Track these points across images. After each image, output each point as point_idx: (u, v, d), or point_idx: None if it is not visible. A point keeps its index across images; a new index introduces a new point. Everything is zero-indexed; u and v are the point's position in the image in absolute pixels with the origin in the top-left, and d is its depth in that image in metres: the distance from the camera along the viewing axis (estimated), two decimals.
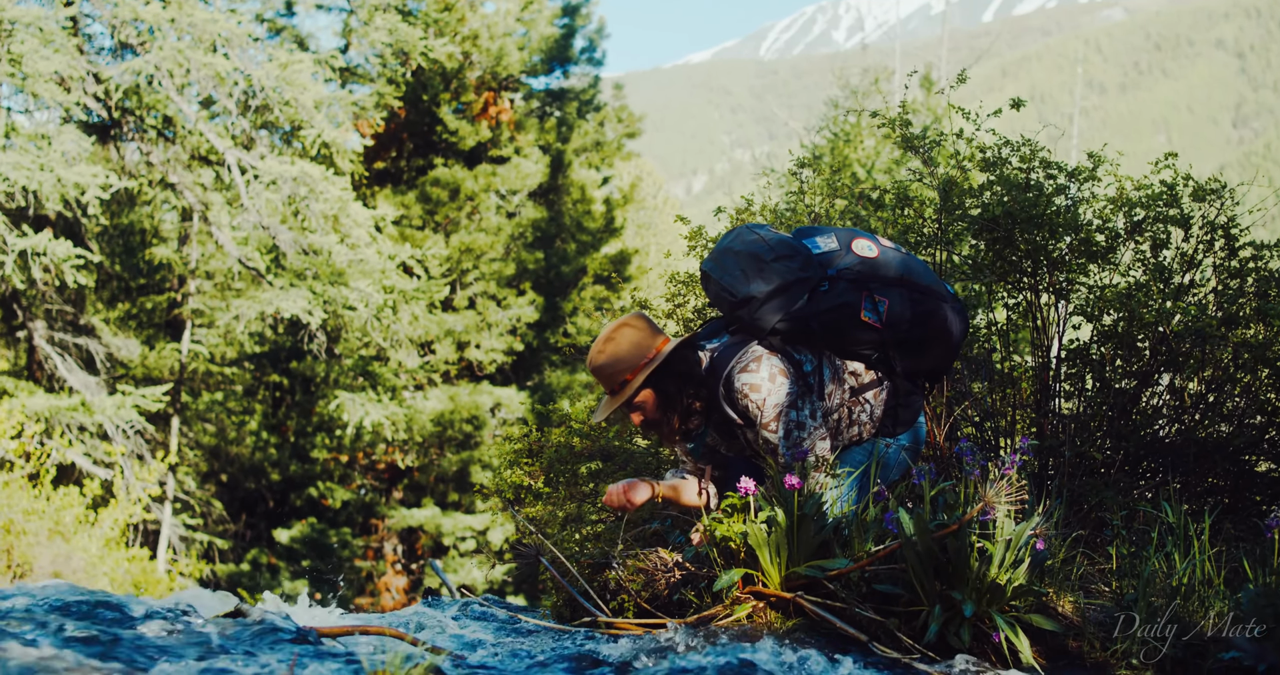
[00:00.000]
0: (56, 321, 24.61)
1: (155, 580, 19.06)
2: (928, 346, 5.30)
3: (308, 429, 30.84)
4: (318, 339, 25.29)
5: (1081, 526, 5.95)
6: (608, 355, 5.22)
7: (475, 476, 28.53)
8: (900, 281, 5.21)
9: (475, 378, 30.69)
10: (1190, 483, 6.61)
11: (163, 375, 28.47)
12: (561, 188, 32.18)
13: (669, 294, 8.21)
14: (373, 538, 30.78)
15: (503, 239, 30.34)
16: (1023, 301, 7.15)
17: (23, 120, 22.38)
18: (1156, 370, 6.77)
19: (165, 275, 28.89)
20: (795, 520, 4.39)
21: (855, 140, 31.17)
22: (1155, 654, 4.04)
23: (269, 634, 3.81)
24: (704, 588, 4.80)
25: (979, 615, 4.08)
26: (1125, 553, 4.84)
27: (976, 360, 7.19)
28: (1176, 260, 6.91)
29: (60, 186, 18.96)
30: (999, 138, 7.25)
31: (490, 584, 27.63)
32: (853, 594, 4.33)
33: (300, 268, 23.23)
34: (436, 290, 25.77)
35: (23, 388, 23.44)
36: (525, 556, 5.82)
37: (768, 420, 5.00)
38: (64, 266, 19.52)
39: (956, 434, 6.78)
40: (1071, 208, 6.92)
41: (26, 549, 14.71)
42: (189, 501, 27.95)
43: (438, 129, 30.53)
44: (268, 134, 24.19)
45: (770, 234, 5.29)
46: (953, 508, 4.33)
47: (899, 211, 7.49)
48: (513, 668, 3.99)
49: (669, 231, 48.76)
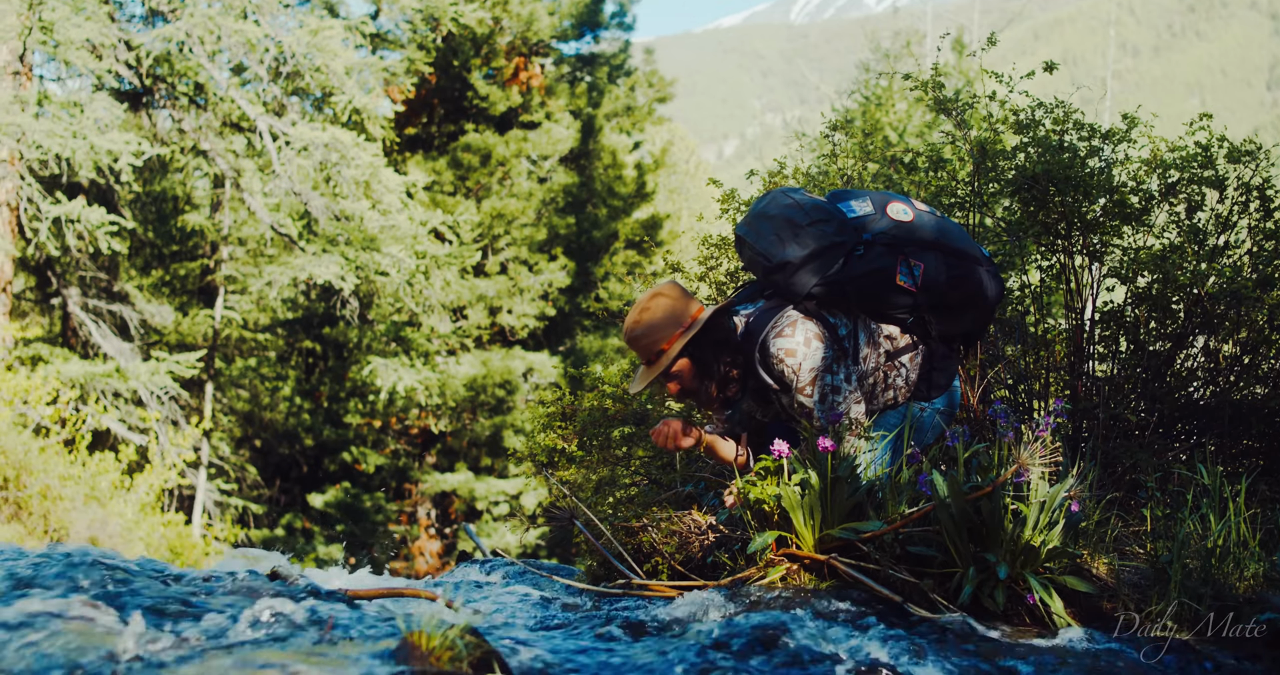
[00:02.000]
0: (90, 288, 24.72)
1: (190, 545, 19.17)
2: (963, 310, 5.26)
3: (341, 394, 30.94)
4: (350, 305, 25.36)
5: (1116, 488, 5.93)
6: (643, 325, 5.18)
7: (508, 441, 28.60)
8: (935, 245, 5.18)
9: (507, 342, 30.72)
10: (1225, 445, 6.58)
11: (196, 342, 28.58)
12: (592, 153, 32.14)
13: (702, 257, 8.19)
14: (406, 502, 30.90)
15: (534, 204, 30.32)
16: (1056, 264, 7.12)
17: (55, 88, 22.47)
18: (1191, 332, 6.73)
19: (198, 242, 28.99)
20: (829, 483, 4.39)
21: (887, 104, 31.07)
22: (1190, 616, 4.04)
23: (306, 596, 3.83)
24: (738, 550, 4.80)
25: (1013, 577, 4.08)
26: (1160, 514, 4.82)
27: (1010, 323, 7.17)
28: (1211, 222, 6.86)
29: (93, 154, 19.03)
30: (1032, 100, 7.21)
31: (524, 548, 27.73)
32: (886, 556, 4.33)
33: (332, 234, 23.27)
34: (468, 256, 25.81)
35: (58, 354, 23.57)
36: (559, 520, 5.82)
37: (803, 384, 4.98)
38: (97, 233, 19.61)
39: (990, 397, 6.76)
40: (1105, 169, 6.88)
41: (63, 514, 14.81)
42: (223, 467, 28.11)
43: (468, 94, 30.50)
44: (299, 100, 24.22)
45: (805, 198, 5.26)
46: (987, 470, 4.33)
47: (932, 174, 7.46)
48: (548, 630, 4.01)
49: (700, 196, 48.69)
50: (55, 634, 2.92)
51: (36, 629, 2.97)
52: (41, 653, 2.67)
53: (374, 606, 3.95)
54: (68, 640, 2.76)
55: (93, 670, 2.62)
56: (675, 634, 3.78)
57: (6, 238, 19.67)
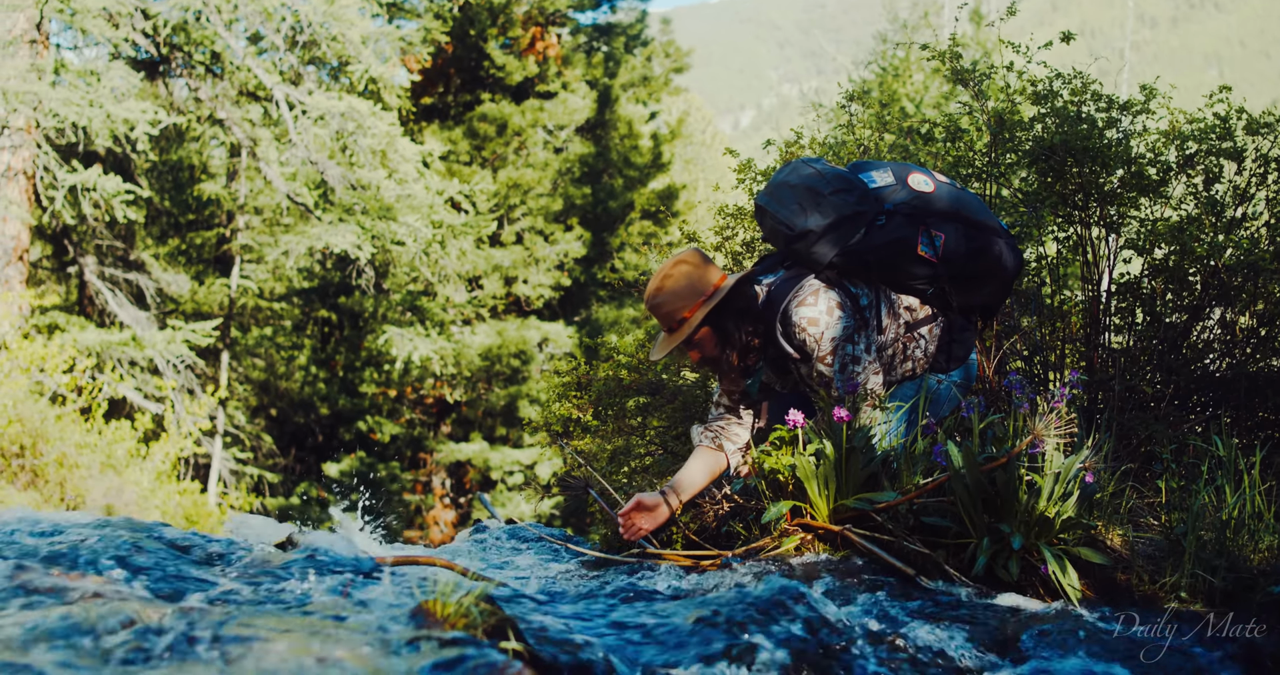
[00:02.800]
0: (107, 257, 24.76)
1: (206, 513, 19.23)
2: (982, 281, 5.25)
3: (356, 363, 31.00)
4: (366, 274, 25.39)
5: (1131, 460, 5.93)
6: (665, 292, 5.16)
7: (523, 411, 28.65)
8: (956, 216, 5.17)
9: (523, 312, 30.75)
10: (1241, 417, 6.58)
11: (212, 310, 28.64)
12: (609, 123, 32.09)
13: (718, 227, 8.19)
14: (421, 471, 30.97)
15: (550, 174, 30.30)
16: (1073, 235, 7.11)
17: (72, 57, 22.55)
18: (1208, 304, 6.72)
19: (214, 211, 29.02)
20: (844, 453, 4.39)
21: (904, 75, 30.97)
22: (1204, 587, 4.04)
23: (321, 563, 3.85)
24: (752, 520, 4.81)
25: (1027, 548, 4.08)
26: (1175, 486, 4.82)
27: (1026, 294, 7.16)
28: (1229, 194, 6.84)
29: (109, 122, 19.03)
30: (1051, 70, 7.18)
31: (538, 517, 27.76)
32: (900, 526, 4.33)
33: (348, 203, 23.28)
34: (484, 225, 25.81)
35: (74, 323, 23.63)
36: (574, 489, 5.83)
37: (824, 353, 4.97)
38: (114, 202, 19.63)
39: (1006, 368, 6.76)
40: (1123, 141, 6.86)
41: (79, 482, 14.86)
42: (239, 435, 28.18)
43: (485, 64, 30.46)
44: (315, 69, 24.21)
45: (826, 167, 5.24)
46: (1001, 441, 4.33)
47: (949, 145, 7.44)
48: (563, 597, 4.03)
49: (716, 166, 48.62)
50: (70, 601, 2.93)
51: (50, 596, 2.98)
52: (56, 618, 2.69)
53: (389, 574, 3.97)
54: (82, 608, 2.77)
55: (109, 636, 2.63)
56: (688, 602, 3.79)
57: (23, 206, 19.70)
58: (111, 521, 4.34)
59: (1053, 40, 7.32)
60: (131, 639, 2.58)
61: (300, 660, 2.47)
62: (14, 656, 2.38)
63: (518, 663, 2.57)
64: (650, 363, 7.83)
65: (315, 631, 2.74)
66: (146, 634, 2.62)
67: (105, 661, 2.42)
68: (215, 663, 2.42)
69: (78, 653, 2.48)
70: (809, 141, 8.28)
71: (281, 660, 2.47)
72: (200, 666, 2.38)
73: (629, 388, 7.96)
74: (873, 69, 33.63)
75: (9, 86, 18.30)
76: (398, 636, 2.69)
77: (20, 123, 19.36)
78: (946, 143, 7.49)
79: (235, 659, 2.46)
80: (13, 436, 14.20)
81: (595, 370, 8.15)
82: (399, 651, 2.59)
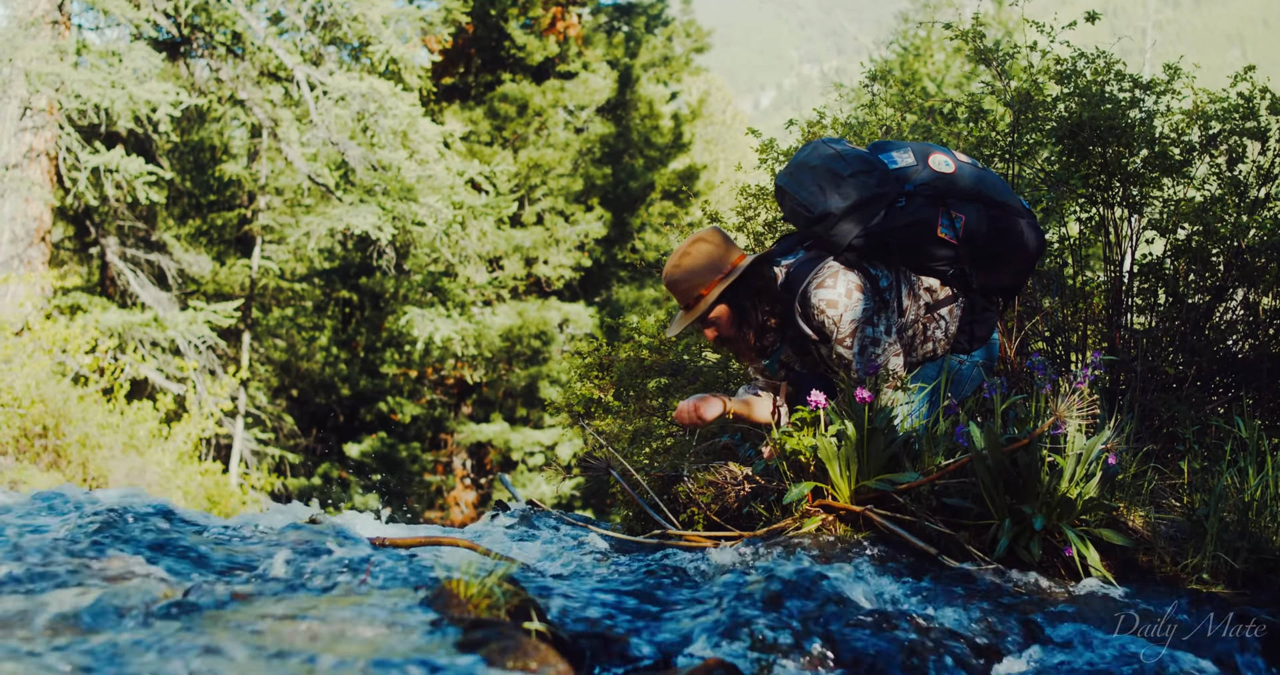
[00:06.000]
0: (129, 238, 24.80)
1: (228, 494, 19.27)
2: (1004, 262, 5.24)
3: (377, 344, 31.04)
4: (387, 255, 25.38)
5: (1153, 441, 5.92)
6: (683, 269, 5.18)
7: (543, 392, 28.67)
8: (977, 196, 5.15)
9: (543, 293, 30.76)
10: (1263, 398, 6.56)
11: (233, 291, 28.67)
12: (629, 103, 32.05)
13: (740, 207, 8.18)
14: (442, 452, 31.02)
15: (570, 154, 30.28)
16: (1095, 216, 7.09)
17: (93, 37, 22.50)
18: (1230, 285, 6.70)
19: (235, 192, 29.05)
20: (865, 434, 4.39)
21: (925, 54, 30.91)
22: (1226, 569, 4.04)
23: (343, 545, 3.86)
24: (774, 501, 4.81)
25: (1049, 529, 4.08)
26: (1197, 468, 4.81)
27: (1048, 275, 7.14)
28: (1253, 174, 6.81)
29: (131, 103, 19.05)
30: (1074, 50, 7.16)
31: (559, 498, 27.83)
32: (922, 508, 4.33)
33: (369, 184, 23.27)
34: (505, 206, 25.78)
35: (96, 303, 23.69)
36: (595, 470, 5.84)
37: (843, 335, 4.98)
38: (135, 183, 19.67)
39: (1027, 349, 6.75)
40: (1147, 120, 6.83)
41: (101, 462, 14.90)
42: (260, 416, 28.25)
43: (505, 44, 30.44)
44: (336, 50, 24.18)
45: (847, 148, 5.23)
46: (1024, 422, 4.32)
47: (972, 125, 7.42)
48: (584, 578, 4.03)
49: (737, 147, 48.54)
50: (97, 580, 2.95)
51: (79, 574, 3.00)
52: (85, 597, 2.70)
53: (411, 555, 3.98)
54: (109, 587, 2.79)
55: (135, 616, 2.65)
56: (710, 583, 3.80)
57: (45, 187, 19.74)
58: (133, 503, 4.36)
59: (1076, 20, 7.29)
60: (156, 616, 2.59)
61: (324, 640, 2.49)
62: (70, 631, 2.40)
63: (541, 643, 2.58)
64: (671, 343, 7.83)
65: (338, 611, 2.75)
66: (170, 610, 2.64)
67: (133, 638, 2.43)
68: (239, 641, 2.44)
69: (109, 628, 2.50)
70: (831, 122, 8.26)
71: (308, 640, 2.48)
72: (224, 644, 2.39)
73: (650, 368, 7.95)
74: (894, 48, 33.57)
75: (31, 67, 18.34)
76: (421, 617, 2.70)
77: (43, 104, 19.40)
78: (969, 123, 7.47)
79: (260, 637, 2.48)
80: (35, 417, 14.24)
81: (616, 351, 8.15)
82: (422, 632, 2.60)
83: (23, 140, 19.50)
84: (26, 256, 19.40)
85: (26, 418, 14.21)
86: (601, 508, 24.29)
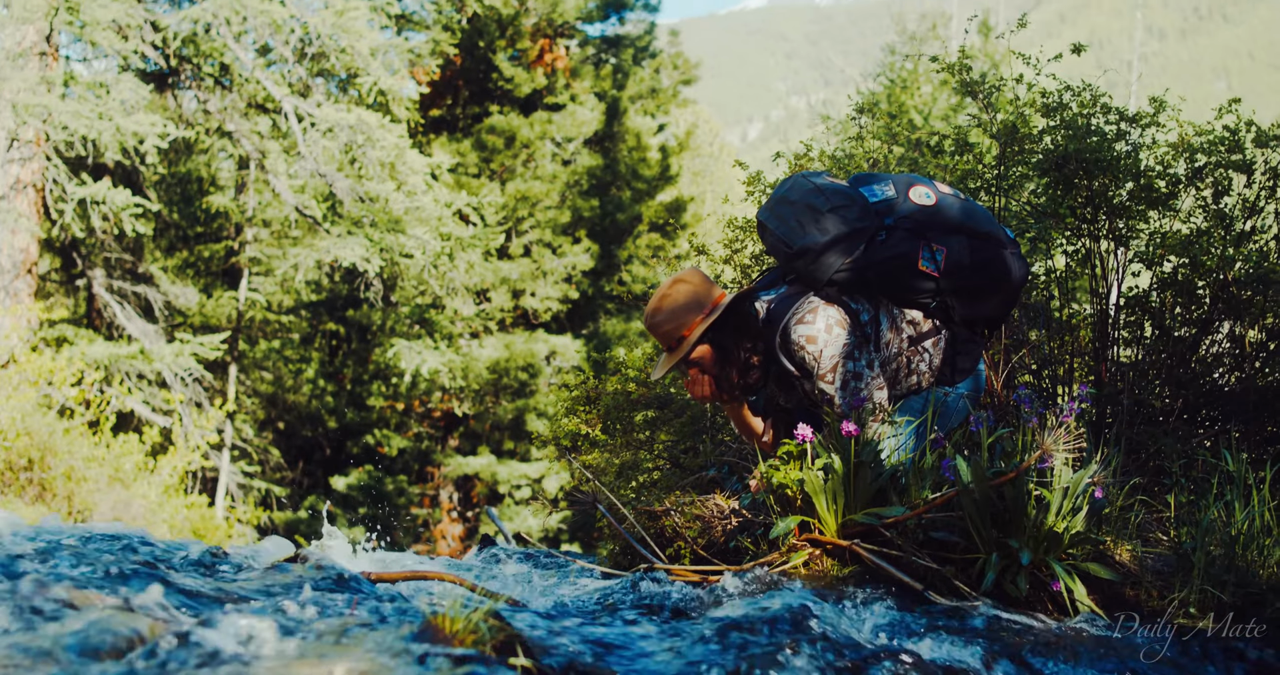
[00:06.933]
0: (115, 270, 24.81)
1: (213, 527, 19.25)
2: (987, 294, 5.23)
3: (364, 377, 31.05)
4: (374, 287, 25.41)
5: (1140, 475, 5.92)
6: (664, 311, 5.16)
7: (530, 424, 28.68)
8: (959, 228, 5.15)
9: (530, 326, 30.79)
10: (1250, 431, 6.56)
11: (220, 323, 28.67)
12: (617, 135, 32.14)
13: (726, 240, 8.19)
14: (428, 485, 31.01)
15: (558, 186, 30.35)
16: (1081, 248, 7.10)
17: (81, 69, 22.52)
18: (1217, 318, 6.71)
19: (222, 223, 29.07)
20: (852, 467, 4.39)
21: (912, 87, 31.04)
22: (1213, 603, 4.03)
23: (329, 579, 3.85)
24: (760, 535, 4.81)
25: (1036, 563, 4.08)
26: (1184, 501, 4.81)
27: (1034, 308, 7.16)
28: (1238, 206, 6.84)
29: (119, 135, 19.06)
30: (1060, 83, 7.18)
31: (546, 532, 27.82)
32: (909, 542, 4.33)
33: (357, 215, 23.31)
34: (492, 238, 25.84)
35: (82, 336, 23.68)
36: (581, 504, 5.84)
37: (824, 371, 4.97)
38: (123, 215, 19.67)
39: (1014, 381, 6.75)
40: (1133, 153, 6.86)
41: (87, 495, 14.89)
42: (246, 449, 28.22)
43: (493, 76, 30.53)
44: (324, 81, 24.25)
45: (826, 182, 5.23)
46: (1010, 455, 4.32)
47: (958, 157, 7.44)
48: (571, 613, 4.02)
49: (724, 179, 48.69)
50: (83, 613, 2.93)
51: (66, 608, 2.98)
52: (69, 632, 2.69)
53: (397, 589, 3.97)
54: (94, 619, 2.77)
55: (120, 648, 2.63)
56: (697, 618, 3.79)
57: (32, 219, 19.75)
58: (118, 534, 4.34)
59: (1062, 53, 7.32)
60: (138, 654, 2.58)
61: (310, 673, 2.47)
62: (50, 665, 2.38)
63: None
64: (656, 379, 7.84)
65: (323, 647, 2.74)
66: (155, 649, 2.62)
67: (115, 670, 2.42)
68: None
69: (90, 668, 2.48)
70: (819, 154, 8.27)
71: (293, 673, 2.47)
72: None
73: (637, 401, 7.95)
74: (881, 81, 33.70)
75: (19, 99, 18.35)
76: (406, 653, 2.69)
77: (30, 135, 19.42)
78: (956, 155, 7.49)
79: (246, 670, 2.46)
80: (21, 450, 14.22)
81: (603, 384, 8.15)
82: (408, 667, 2.59)
83: (9, 172, 19.52)
84: (13, 288, 19.39)
85: (12, 450, 14.19)
86: (588, 541, 24.28)
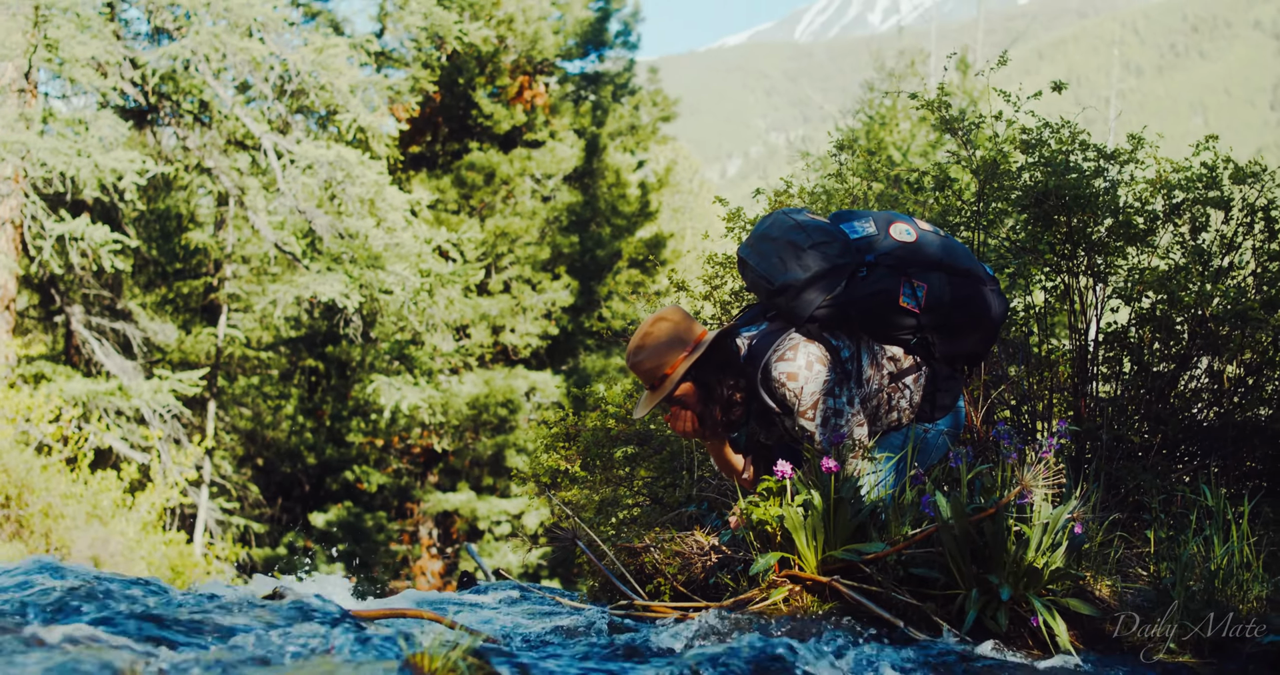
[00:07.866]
0: (94, 306, 24.78)
1: (192, 564, 19.18)
2: (967, 330, 5.23)
3: (343, 413, 30.98)
4: (354, 323, 25.38)
5: (1119, 510, 5.93)
6: (646, 350, 5.14)
7: (510, 460, 28.64)
8: (939, 265, 5.15)
9: (510, 362, 30.77)
10: (1229, 466, 6.58)
11: (199, 360, 28.61)
12: (596, 172, 32.19)
13: (706, 276, 8.20)
14: (408, 522, 30.93)
15: (538, 223, 30.39)
16: (1060, 284, 7.13)
17: (60, 106, 22.51)
18: (1195, 353, 6.74)
19: (201, 260, 29.04)
20: (832, 504, 4.38)
21: (890, 123, 31.14)
22: (1193, 638, 4.03)
23: (307, 617, 3.83)
24: (740, 571, 4.80)
25: (1016, 599, 4.08)
26: (1163, 536, 4.82)
27: (1013, 343, 7.17)
28: (1216, 243, 6.87)
29: (97, 172, 19.06)
30: (1039, 119, 7.21)
31: (526, 568, 27.74)
32: (889, 578, 4.32)
33: (336, 252, 23.31)
34: (472, 274, 25.86)
35: (60, 372, 23.63)
36: (561, 540, 5.85)
37: (805, 408, 4.96)
38: (101, 251, 19.66)
39: (993, 417, 6.76)
40: (1111, 189, 6.88)
41: (65, 532, 14.82)
42: (225, 485, 28.12)
43: (473, 113, 30.59)
44: (303, 118, 24.28)
45: (807, 219, 5.24)
46: (990, 491, 4.32)
47: (938, 194, 7.46)
48: (550, 650, 4.01)
49: (704, 215, 48.75)
50: (61, 654, 2.91)
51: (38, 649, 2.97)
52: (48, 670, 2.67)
53: (376, 627, 3.95)
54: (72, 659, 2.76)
55: None
56: (676, 655, 3.77)
57: (10, 255, 19.72)
58: (100, 574, 4.32)
59: (1042, 90, 7.35)
60: None
61: None
62: None
63: None
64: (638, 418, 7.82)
65: None
66: None
67: None
68: None
69: None
70: (798, 191, 8.29)
71: None
72: None
73: (616, 437, 7.95)
74: (860, 118, 33.81)
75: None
76: None
77: (8, 172, 19.41)
78: (935, 191, 7.51)
79: None
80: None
81: (583, 420, 8.14)
82: None
83: None
84: None
85: None
86: (568, 577, 24.21)
